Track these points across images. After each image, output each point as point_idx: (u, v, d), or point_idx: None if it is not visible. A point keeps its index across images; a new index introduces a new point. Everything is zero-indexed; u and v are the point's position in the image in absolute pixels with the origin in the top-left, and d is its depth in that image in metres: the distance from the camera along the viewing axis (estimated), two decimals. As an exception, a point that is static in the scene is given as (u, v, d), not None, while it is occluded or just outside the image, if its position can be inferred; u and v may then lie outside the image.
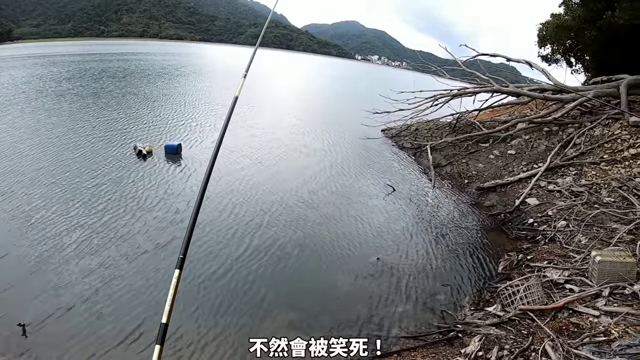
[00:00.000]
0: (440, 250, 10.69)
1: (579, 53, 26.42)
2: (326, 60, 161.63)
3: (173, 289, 1.62)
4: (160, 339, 1.51)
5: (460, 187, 15.50)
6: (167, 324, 1.59)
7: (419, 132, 22.26)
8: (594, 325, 6.22)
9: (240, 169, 15.14)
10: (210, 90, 34.54)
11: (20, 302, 7.03)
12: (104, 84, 32.24)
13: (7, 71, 33.74)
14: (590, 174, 13.08)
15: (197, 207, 2.31)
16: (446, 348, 6.66)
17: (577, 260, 8.57)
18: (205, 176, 2.52)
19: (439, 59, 30.20)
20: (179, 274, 1.74)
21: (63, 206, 10.81)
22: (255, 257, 9.49)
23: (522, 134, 17.49)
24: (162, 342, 1.54)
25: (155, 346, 1.49)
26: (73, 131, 17.68)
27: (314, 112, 30.05)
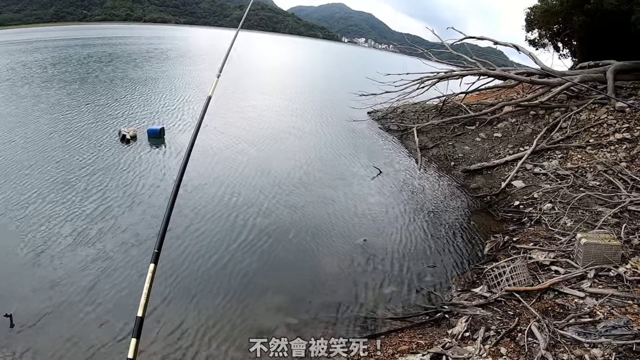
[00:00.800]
0: (426, 231, 10.71)
1: (567, 38, 26.47)
2: (312, 43, 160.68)
3: (148, 283, 1.62)
4: (136, 332, 1.52)
5: (446, 170, 15.53)
6: (142, 317, 1.58)
7: (406, 114, 22.22)
8: (579, 307, 6.27)
9: (224, 149, 15.07)
10: (196, 73, 34.11)
11: (5, 294, 6.92)
12: (90, 69, 31.73)
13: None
14: (576, 157, 13.15)
15: (171, 204, 2.27)
16: (433, 329, 6.68)
17: (562, 243, 8.63)
18: (177, 177, 2.46)
19: (426, 42, 30.23)
20: (154, 268, 1.74)
21: (41, 195, 10.59)
22: (238, 240, 9.43)
23: (509, 117, 17.53)
24: (138, 335, 1.55)
25: (131, 339, 1.45)
26: (60, 118, 17.35)
27: (299, 94, 29.83)
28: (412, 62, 25.27)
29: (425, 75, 21.51)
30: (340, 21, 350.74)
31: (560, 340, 5.48)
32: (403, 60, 26.93)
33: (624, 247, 7.67)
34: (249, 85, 30.03)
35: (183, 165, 2.51)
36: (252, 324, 6.86)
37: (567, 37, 26.24)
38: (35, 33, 75.37)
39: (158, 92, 24.95)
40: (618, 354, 5.07)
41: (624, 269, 7.07)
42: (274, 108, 23.76)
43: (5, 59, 33.37)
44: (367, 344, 6.39)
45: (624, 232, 8.35)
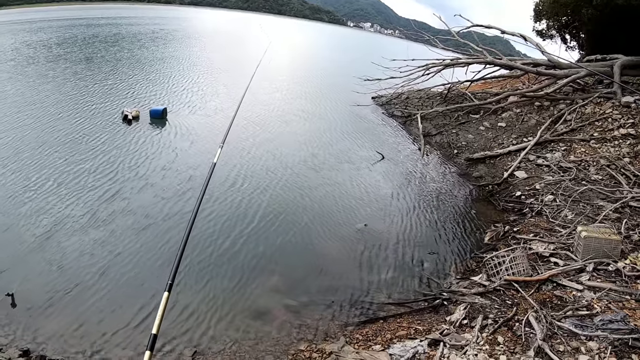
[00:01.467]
0: (427, 218, 10.76)
1: (575, 30, 26.29)
2: (318, 27, 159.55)
3: (162, 307, 1.68)
4: (150, 346, 1.61)
5: (449, 157, 15.54)
6: (156, 334, 1.68)
7: (410, 100, 22.19)
8: (577, 299, 6.32)
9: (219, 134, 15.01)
10: (202, 54, 33.94)
11: (6, 272, 6.95)
12: (96, 49, 31.56)
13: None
14: (579, 150, 13.15)
15: (186, 239, 2.34)
16: (431, 315, 6.75)
17: (562, 235, 8.67)
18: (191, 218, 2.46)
19: (432, 28, 30.10)
20: (167, 296, 1.81)
21: (38, 175, 10.55)
22: (237, 221, 9.46)
23: (514, 107, 17.49)
24: (152, 349, 1.67)
25: (146, 352, 1.51)
26: (66, 98, 17.22)
27: (304, 77, 29.72)
28: (417, 49, 25.22)
29: (430, 62, 21.42)
30: (346, 5, 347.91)
31: (557, 331, 5.55)
32: (409, 46, 26.81)
33: (624, 243, 7.71)
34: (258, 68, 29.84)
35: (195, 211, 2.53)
36: (250, 304, 6.91)
37: (575, 30, 26.07)
38: (38, 13, 74.58)
39: (163, 73, 24.83)
40: (614, 348, 5.14)
41: (623, 264, 7.11)
42: (279, 90, 23.68)
43: (9, 39, 33.08)
44: (366, 328, 6.49)
45: (624, 228, 8.38)
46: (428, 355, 5.55)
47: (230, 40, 49.19)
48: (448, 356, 5.47)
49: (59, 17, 63.13)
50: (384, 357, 5.56)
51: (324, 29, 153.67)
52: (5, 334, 5.72)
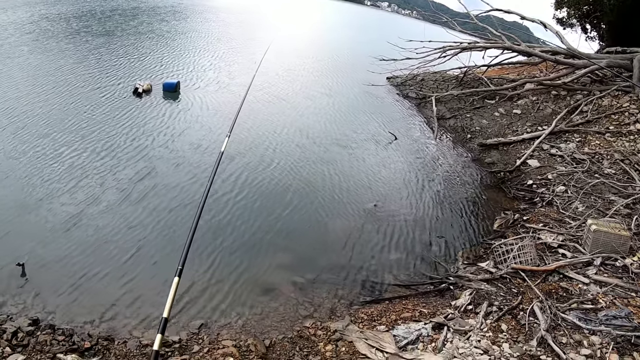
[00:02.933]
0: (437, 202, 10.77)
1: (596, 20, 25.87)
2: (334, 4, 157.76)
3: (173, 292, 1.73)
4: (162, 329, 1.69)
5: (462, 142, 15.47)
6: (167, 318, 1.73)
7: (425, 82, 22.01)
8: (583, 292, 6.37)
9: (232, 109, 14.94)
10: (222, 29, 33.66)
11: (19, 243, 6.99)
12: (117, 23, 31.31)
13: (11, 11, 32.60)
14: (594, 143, 13.07)
15: (196, 224, 2.38)
16: (437, 299, 6.82)
17: (572, 227, 8.67)
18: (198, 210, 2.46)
19: (450, 10, 29.68)
20: (177, 281, 1.83)
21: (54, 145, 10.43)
22: (243, 194, 9.51)
23: (530, 95, 17.35)
24: (163, 332, 1.72)
25: (157, 335, 1.55)
26: (85, 72, 16.78)
27: (319, 55, 29.47)
28: (435, 30, 24.94)
29: (447, 45, 21.20)
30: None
31: (560, 323, 5.61)
32: (426, 28, 26.54)
33: (633, 239, 7.71)
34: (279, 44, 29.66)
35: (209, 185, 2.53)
36: (258, 280, 6.98)
37: (597, 20, 25.66)
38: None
39: (182, 46, 24.65)
40: (616, 344, 5.19)
41: (631, 260, 7.13)
42: (294, 68, 23.48)
43: (26, 12, 32.88)
44: (371, 308, 6.57)
45: (634, 224, 8.36)
46: (432, 339, 5.63)
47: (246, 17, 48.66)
48: (451, 340, 5.55)
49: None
50: (388, 338, 5.63)
51: (340, 6, 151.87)
52: (15, 303, 5.80)
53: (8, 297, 5.88)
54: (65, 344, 5.12)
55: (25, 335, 5.13)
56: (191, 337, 5.64)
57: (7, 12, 31.21)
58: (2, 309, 5.66)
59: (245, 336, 5.73)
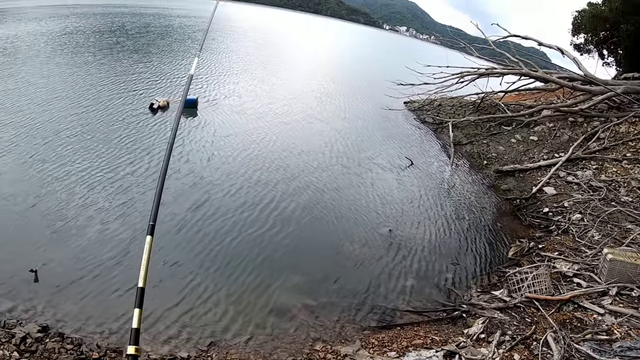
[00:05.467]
0: (452, 228, 10.75)
1: (613, 46, 25.89)
2: (354, 28, 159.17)
3: (147, 254, 1.68)
4: (138, 303, 1.57)
5: (478, 168, 15.46)
6: (143, 287, 1.63)
7: (442, 107, 22.08)
8: (598, 323, 6.29)
9: (257, 127, 15.25)
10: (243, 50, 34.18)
11: (32, 250, 7.13)
12: (150, 40, 32.27)
13: (38, 22, 33.48)
14: (611, 170, 12.99)
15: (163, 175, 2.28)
16: (449, 326, 6.79)
17: (588, 256, 8.60)
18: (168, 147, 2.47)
19: (468, 35, 29.84)
20: (150, 240, 1.79)
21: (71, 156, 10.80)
22: (260, 215, 9.60)
23: (547, 121, 17.31)
24: (140, 305, 1.59)
25: (134, 310, 1.51)
26: (110, 85, 17.47)
27: (338, 78, 29.78)
28: (452, 55, 24.98)
29: (465, 70, 21.27)
30: (383, 7, 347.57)
31: (574, 354, 5.54)
32: (444, 53, 26.67)
33: (650, 269, 7.62)
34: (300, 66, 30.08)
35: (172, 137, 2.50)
36: (271, 302, 7.00)
37: (614, 45, 25.67)
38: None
39: (207, 65, 25.05)
40: (631, 376, 5.12)
41: (647, 290, 7.05)
42: (313, 89, 23.85)
43: (58, 24, 33.70)
44: (382, 333, 6.55)
45: (651, 253, 8.27)
46: (443, 367, 5.59)
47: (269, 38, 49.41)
48: (463, 370, 5.51)
49: (107, 4, 64.19)
50: (399, 365, 5.61)
51: (360, 30, 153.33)
52: (26, 308, 5.90)
53: (19, 302, 5.99)
54: (74, 352, 5.18)
55: (34, 342, 5.19)
56: (200, 354, 5.68)
57: (41, 22, 32.13)
58: (12, 313, 5.77)
59: (255, 356, 5.76)
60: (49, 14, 41.76)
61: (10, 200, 8.49)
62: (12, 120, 12.34)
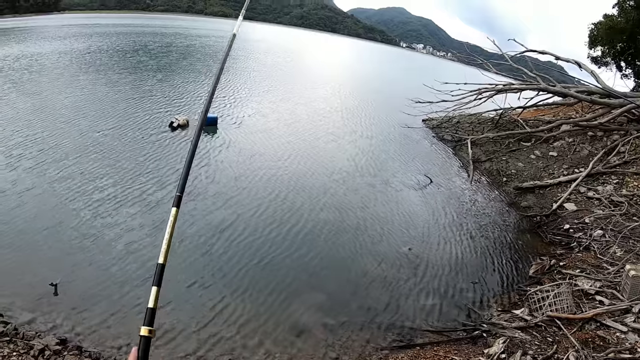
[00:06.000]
0: (472, 246, 10.70)
1: (630, 58, 25.68)
2: (371, 46, 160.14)
3: (170, 228, 1.58)
4: (157, 281, 1.51)
5: (497, 185, 15.39)
6: (164, 264, 1.58)
7: (460, 125, 22.11)
8: (620, 341, 6.21)
9: (281, 146, 15.46)
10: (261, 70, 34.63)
11: (53, 263, 7.35)
12: (174, 59, 33.09)
13: (62, 41, 34.43)
14: (632, 184, 12.83)
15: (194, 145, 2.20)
16: (469, 346, 6.74)
17: (610, 272, 8.49)
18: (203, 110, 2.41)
19: (485, 52, 29.74)
20: (176, 212, 1.66)
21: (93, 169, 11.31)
22: (281, 231, 9.75)
23: (566, 137, 17.20)
24: (159, 284, 1.53)
25: (152, 288, 1.51)
26: (131, 103, 18.31)
27: (357, 96, 30.00)
28: (470, 72, 25.08)
29: (483, 87, 21.30)
30: (400, 25, 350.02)
31: (597, 373, 5.48)
32: (461, 69, 26.73)
33: (673, 285, 7.52)
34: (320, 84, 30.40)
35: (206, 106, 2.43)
36: (291, 320, 7.07)
37: (631, 57, 25.46)
38: (104, 19, 77.67)
39: (231, 85, 25.57)
40: (654, 395, 5.05)
41: (671, 307, 6.95)
42: (333, 108, 24.08)
43: (82, 43, 34.61)
44: (401, 353, 6.52)
45: (674, 268, 8.15)
46: (463, 388, 5.56)
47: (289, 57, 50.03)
48: (484, 391, 5.47)
49: (129, 24, 65.62)
50: (419, 387, 5.59)
51: (377, 48, 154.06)
52: (45, 321, 6.07)
53: (38, 314, 6.15)
54: (92, 366, 5.25)
55: (52, 354, 5.28)
56: (218, 373, 5.74)
57: (65, 41, 32.88)
58: (31, 325, 5.92)
59: (272, 376, 5.80)
60: (73, 32, 42.87)
61: (32, 213, 8.78)
62: (39, 137, 12.79)
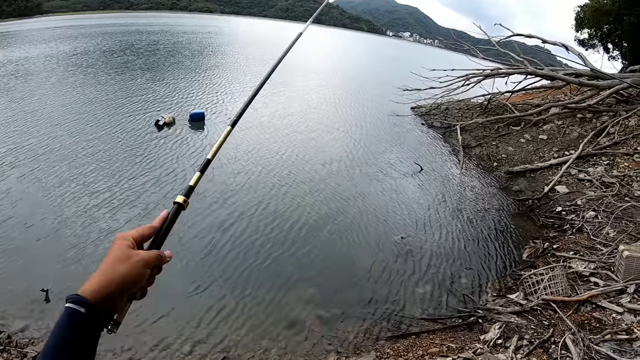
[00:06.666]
0: (465, 232, 10.65)
1: (617, 39, 25.71)
2: (357, 35, 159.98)
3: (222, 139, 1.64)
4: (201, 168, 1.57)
5: (488, 170, 15.35)
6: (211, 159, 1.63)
7: (449, 111, 22.04)
8: (617, 322, 6.16)
9: (266, 137, 15.35)
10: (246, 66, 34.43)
11: (43, 269, 7.21)
12: (162, 57, 32.89)
13: (47, 44, 34.09)
14: (622, 165, 12.82)
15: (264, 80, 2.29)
16: (465, 333, 6.68)
17: (604, 254, 8.45)
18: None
19: (472, 38, 29.78)
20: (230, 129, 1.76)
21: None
22: (274, 226, 9.64)
23: (555, 119, 17.18)
24: (202, 171, 1.59)
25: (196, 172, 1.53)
26: (118, 103, 18.08)
27: (346, 87, 29.89)
28: (457, 58, 24.99)
29: (470, 72, 21.27)
30: (386, 14, 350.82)
31: (594, 355, 5.42)
32: (448, 56, 26.65)
33: (668, 263, 7.48)
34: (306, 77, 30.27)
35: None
36: (284, 313, 7.00)
37: (618, 38, 25.49)
38: (88, 20, 77.07)
39: (216, 80, 25.54)
40: (653, 376, 5.00)
41: (666, 286, 6.91)
42: (321, 99, 23.97)
43: (67, 45, 34.28)
44: (397, 343, 6.46)
45: (668, 247, 8.12)
46: (460, 375, 5.50)
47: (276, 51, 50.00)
48: (481, 377, 5.41)
49: (113, 24, 65.22)
50: (416, 375, 5.52)
51: (364, 38, 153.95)
52: (38, 328, 5.96)
53: (31, 321, 6.05)
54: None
55: None
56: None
57: (50, 43, 32.64)
58: (24, 332, 5.83)
59: (268, 371, 5.72)
60: (57, 35, 42.47)
61: (19, 220, 8.65)
62: (28, 143, 12.68)
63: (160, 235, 1.28)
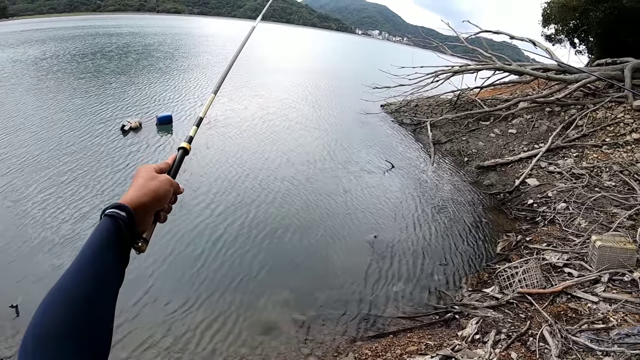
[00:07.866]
0: (438, 228, 10.61)
1: (584, 34, 26.04)
2: (326, 35, 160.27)
3: (207, 107, 1.74)
4: (197, 123, 1.67)
5: (459, 165, 15.39)
6: (202, 117, 1.72)
7: (419, 108, 22.07)
8: (593, 312, 6.16)
9: (232, 139, 15.14)
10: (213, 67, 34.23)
11: (10, 285, 6.93)
12: (130, 60, 32.49)
13: (15, 49, 33.33)
14: (591, 156, 12.95)
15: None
16: (443, 329, 6.62)
17: (576, 244, 8.49)
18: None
19: (440, 35, 30.07)
20: (213, 97, 1.86)
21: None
22: (243, 230, 9.43)
23: (524, 114, 17.31)
24: (198, 125, 1.68)
25: (192, 127, 1.62)
26: (85, 109, 17.57)
27: (313, 85, 29.71)
28: (426, 55, 25.13)
29: (439, 69, 21.37)
30: (355, 13, 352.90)
31: (572, 346, 5.40)
32: (417, 53, 26.75)
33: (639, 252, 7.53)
34: (269, 78, 30.10)
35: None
36: (258, 319, 6.84)
37: (584, 33, 25.82)
38: (56, 22, 75.77)
39: (187, 83, 25.26)
40: (631, 364, 4.99)
41: (639, 274, 6.94)
42: (290, 100, 23.67)
43: (36, 49, 33.56)
44: (375, 343, 6.36)
45: (639, 236, 8.19)
46: (439, 373, 5.43)
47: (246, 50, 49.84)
48: (460, 374, 5.34)
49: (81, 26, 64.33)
50: (394, 375, 5.44)
51: (333, 36, 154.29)
52: (9, 345, 5.72)
53: (2, 339, 5.80)
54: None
55: None
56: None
57: (18, 48, 31.92)
58: None
59: (245, 379, 5.59)
60: (25, 39, 41.59)
61: None
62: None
63: (172, 174, 1.38)
